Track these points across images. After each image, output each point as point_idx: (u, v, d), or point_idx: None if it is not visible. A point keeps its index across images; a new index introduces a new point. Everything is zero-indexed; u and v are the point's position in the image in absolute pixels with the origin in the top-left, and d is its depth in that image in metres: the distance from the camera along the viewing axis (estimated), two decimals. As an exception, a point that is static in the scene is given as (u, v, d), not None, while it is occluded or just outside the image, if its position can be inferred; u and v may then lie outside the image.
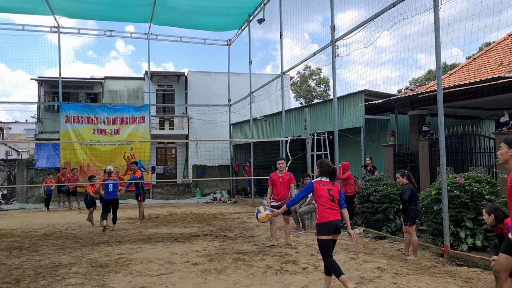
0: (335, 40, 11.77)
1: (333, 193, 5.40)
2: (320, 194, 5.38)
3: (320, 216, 5.32)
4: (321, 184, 5.44)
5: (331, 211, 5.31)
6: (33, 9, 19.21)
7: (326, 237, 5.24)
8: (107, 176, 11.65)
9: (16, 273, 6.62)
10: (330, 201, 5.34)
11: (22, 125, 43.92)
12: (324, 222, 5.26)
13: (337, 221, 5.31)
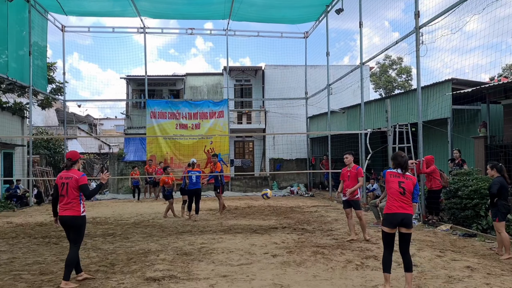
0: (420, 26, 11.17)
1: (405, 185, 5.33)
2: (390, 185, 5.41)
3: (387, 207, 5.37)
4: (393, 176, 5.44)
5: (399, 203, 5.28)
6: (121, 12, 20.51)
7: (387, 229, 5.26)
8: (191, 168, 12.18)
9: (111, 258, 7.15)
10: (399, 193, 5.30)
11: (112, 121, 47.18)
12: (388, 213, 5.30)
13: (404, 214, 5.23)
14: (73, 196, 5.73)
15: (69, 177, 5.79)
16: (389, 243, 5.29)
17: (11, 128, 18.49)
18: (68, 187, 5.72)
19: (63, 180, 5.79)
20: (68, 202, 5.72)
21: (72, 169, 5.88)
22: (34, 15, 18.68)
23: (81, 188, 5.79)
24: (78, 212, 5.74)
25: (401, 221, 5.20)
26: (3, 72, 16.28)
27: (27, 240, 8.99)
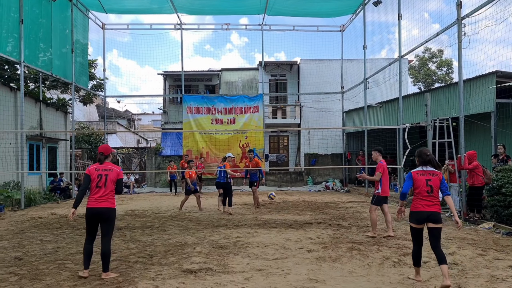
0: (462, 17, 10.78)
1: (432, 183, 5.32)
2: (417, 185, 5.36)
3: (412, 205, 5.40)
4: (420, 175, 5.40)
5: (425, 202, 5.29)
6: (158, 9, 20.90)
7: (415, 225, 5.34)
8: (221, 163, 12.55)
9: (149, 249, 7.34)
10: (426, 192, 5.30)
11: (149, 116, 48.25)
12: (414, 211, 5.35)
13: (430, 212, 5.25)
14: (110, 189, 5.79)
15: (109, 169, 5.84)
16: (417, 238, 5.37)
17: (55, 123, 19.26)
18: (107, 179, 5.76)
19: (100, 172, 5.77)
20: (105, 194, 5.75)
21: (106, 162, 5.92)
22: (76, 14, 19.32)
23: (119, 182, 5.89)
24: (114, 205, 5.87)
25: (427, 217, 5.25)
26: (47, 69, 16.95)
27: (70, 231, 9.36)
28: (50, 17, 17.00)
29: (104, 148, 6.03)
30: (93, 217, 5.79)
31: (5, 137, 14.85)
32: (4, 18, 14.03)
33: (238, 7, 21.13)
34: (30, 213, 12.67)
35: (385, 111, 18.17)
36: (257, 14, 21.78)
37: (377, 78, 19.62)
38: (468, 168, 10.10)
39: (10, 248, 7.56)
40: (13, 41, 14.54)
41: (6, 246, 7.75)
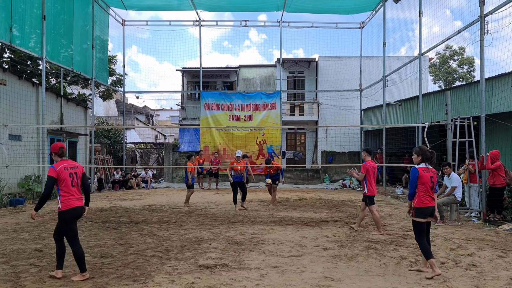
0: (485, 14, 10.55)
1: (434, 180, 5.73)
2: (423, 181, 5.67)
3: (419, 201, 5.67)
4: (425, 171, 5.72)
5: (430, 198, 5.69)
6: (177, 5, 21.02)
7: (423, 220, 5.67)
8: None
9: (166, 244, 7.42)
10: (430, 188, 5.69)
11: (168, 112, 48.58)
12: (422, 207, 5.65)
13: (433, 207, 5.71)
14: (80, 185, 5.61)
15: (75, 166, 5.60)
16: (423, 232, 5.68)
17: (75, 118, 19.57)
18: (77, 177, 5.54)
19: (69, 170, 5.47)
20: (80, 192, 5.58)
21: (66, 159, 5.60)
22: (96, 10, 19.57)
23: (84, 176, 5.66)
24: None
25: (431, 212, 5.69)
26: (68, 65, 17.23)
27: (89, 224, 9.52)
28: (71, 13, 17.25)
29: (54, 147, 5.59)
30: (77, 216, 5.62)
31: (27, 131, 15.17)
32: (27, 14, 14.30)
33: (256, 4, 21.10)
34: (50, 206, 12.91)
35: (404, 109, 17.94)
36: (276, 11, 21.70)
37: (397, 75, 19.36)
38: (491, 168, 9.90)
39: (31, 240, 7.73)
40: (36, 37, 14.81)
41: (27, 238, 7.93)
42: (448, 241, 7.78)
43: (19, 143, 14.62)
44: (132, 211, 11.88)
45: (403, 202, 14.77)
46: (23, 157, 14.63)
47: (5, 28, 13.13)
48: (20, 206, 12.70)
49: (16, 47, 13.90)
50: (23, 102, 14.87)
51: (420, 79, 15.20)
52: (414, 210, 5.71)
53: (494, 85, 11.86)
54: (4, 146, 12.44)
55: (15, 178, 14.21)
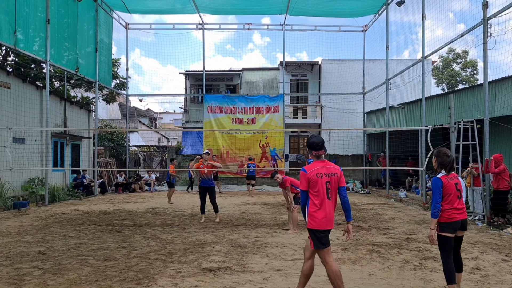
0: (488, 18, 10.55)
1: (460, 187, 4.80)
2: (449, 191, 4.72)
3: (447, 216, 4.69)
4: (449, 179, 4.78)
5: (458, 210, 4.72)
6: (181, 9, 21.10)
7: (451, 235, 4.72)
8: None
9: (169, 247, 7.42)
10: (457, 198, 4.75)
11: (171, 115, 48.66)
12: (451, 222, 4.70)
13: (464, 220, 4.77)
14: None
15: None
16: (450, 249, 4.74)
17: (79, 121, 19.64)
18: None
19: None
20: None
21: None
22: (100, 14, 19.67)
23: None
24: None
25: (461, 225, 4.77)
26: (72, 68, 17.30)
27: (92, 227, 9.54)
28: (75, 17, 17.34)
29: None
30: None
31: (31, 134, 15.23)
32: (31, 18, 14.38)
33: (260, 7, 21.15)
34: (53, 209, 12.95)
35: (407, 112, 17.91)
36: (279, 14, 21.77)
37: (400, 79, 19.35)
38: (495, 172, 9.87)
39: (34, 243, 7.75)
40: (40, 40, 14.89)
41: (30, 241, 7.95)
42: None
43: (23, 146, 14.68)
44: (136, 214, 11.89)
45: (406, 205, 14.74)
46: (27, 160, 14.68)
47: (9, 31, 13.21)
48: (23, 209, 12.73)
49: (20, 51, 13.97)
50: (27, 105, 14.94)
51: (423, 82, 15.18)
52: (439, 225, 4.75)
53: (497, 88, 11.83)
54: (8, 149, 12.48)
55: (19, 181, 14.26)
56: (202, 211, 10.81)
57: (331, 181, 4.50)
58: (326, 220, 4.50)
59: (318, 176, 4.47)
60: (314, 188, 4.48)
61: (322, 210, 4.48)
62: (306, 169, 4.56)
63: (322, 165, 4.56)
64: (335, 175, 4.53)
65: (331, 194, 4.49)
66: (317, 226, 4.49)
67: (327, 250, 4.54)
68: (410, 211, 12.94)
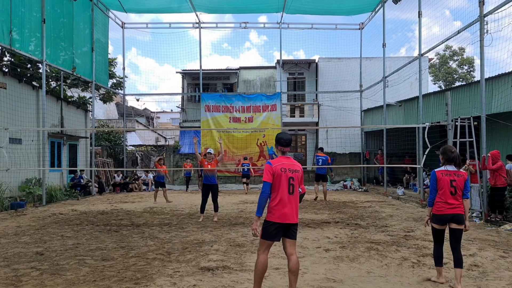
0: (484, 15, 10.56)
1: (456, 184, 5.12)
2: (441, 185, 5.17)
3: (436, 208, 5.21)
4: (444, 175, 5.17)
5: (449, 205, 5.12)
6: (177, 8, 21.06)
7: (438, 227, 5.24)
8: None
9: (167, 246, 7.41)
10: (450, 193, 5.12)
11: (168, 114, 48.58)
12: (438, 214, 5.19)
13: (454, 214, 5.12)
14: None
15: None
16: (439, 238, 5.27)
17: (75, 121, 19.59)
18: None
19: None
20: None
21: None
22: (96, 13, 19.61)
23: None
24: None
25: (451, 219, 5.14)
26: (68, 67, 17.24)
27: (90, 227, 9.51)
28: (71, 16, 17.28)
29: None
30: None
31: (27, 134, 15.17)
32: (27, 17, 14.31)
33: (256, 5, 21.13)
34: (51, 209, 12.92)
35: (404, 110, 17.94)
36: (276, 12, 21.76)
37: (397, 76, 19.37)
38: (492, 169, 9.90)
39: (32, 243, 7.72)
40: (35, 40, 14.83)
41: (28, 241, 7.92)
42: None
43: (19, 147, 14.63)
44: (133, 214, 11.87)
45: (404, 203, 14.77)
46: (24, 160, 14.63)
47: (5, 31, 13.15)
48: (21, 210, 12.69)
49: (16, 51, 13.91)
50: (24, 106, 14.88)
51: (420, 79, 15.20)
52: (431, 216, 5.29)
53: (494, 85, 11.86)
54: (5, 149, 12.43)
55: (15, 181, 14.21)
56: (202, 210, 10.72)
57: (294, 177, 4.63)
58: (285, 214, 4.55)
59: (283, 171, 4.58)
60: (277, 181, 4.58)
61: (282, 204, 4.55)
62: (271, 163, 4.68)
63: (286, 161, 4.69)
64: (298, 172, 4.68)
65: (292, 189, 4.59)
66: (274, 218, 4.56)
67: (268, 244, 4.64)
68: (408, 209, 12.97)
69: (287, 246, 4.66)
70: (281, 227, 4.57)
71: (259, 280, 4.60)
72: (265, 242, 4.64)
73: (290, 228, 4.61)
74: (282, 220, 4.54)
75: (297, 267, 4.61)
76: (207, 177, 10.61)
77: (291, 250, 4.64)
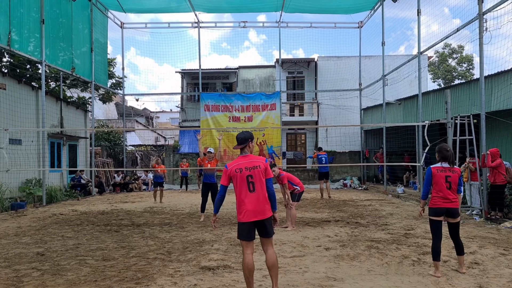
0: (484, 12, 10.56)
1: (451, 179, 5.50)
2: (436, 180, 5.53)
3: (431, 202, 5.55)
4: (440, 171, 5.56)
5: (444, 200, 5.48)
6: (176, 7, 21.05)
7: (434, 218, 5.53)
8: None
9: (168, 246, 7.41)
10: (446, 188, 5.48)
11: (168, 114, 48.57)
12: (435, 208, 5.52)
13: (449, 208, 5.47)
14: None
15: None
16: (436, 231, 5.54)
17: (75, 121, 19.58)
18: None
19: None
20: None
21: None
22: (95, 13, 19.59)
23: None
24: None
25: (446, 212, 5.50)
26: (68, 68, 17.23)
27: (90, 227, 9.52)
28: (70, 17, 17.27)
29: None
30: None
31: (27, 135, 15.17)
32: (25, 18, 14.30)
33: (255, 4, 21.12)
34: (51, 210, 12.92)
35: (404, 108, 17.94)
36: (275, 11, 21.74)
37: (396, 74, 19.39)
38: (491, 166, 9.91)
39: (33, 244, 7.73)
40: (35, 41, 14.82)
41: (28, 242, 7.92)
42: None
43: (19, 147, 14.63)
44: (134, 214, 11.87)
45: (404, 201, 14.78)
46: (24, 161, 14.63)
47: (4, 32, 13.14)
48: (21, 210, 12.70)
49: (15, 51, 13.91)
50: (23, 106, 14.88)
51: (420, 77, 15.19)
52: (429, 210, 5.65)
53: (493, 83, 11.86)
54: (5, 150, 12.43)
55: (16, 182, 14.21)
56: (202, 209, 10.74)
57: (254, 174, 4.61)
58: (249, 212, 4.55)
59: (237, 172, 4.61)
60: (235, 183, 4.64)
61: (245, 203, 4.57)
62: (227, 165, 4.75)
63: (243, 160, 4.72)
64: (258, 167, 4.66)
65: (254, 187, 4.58)
66: (240, 218, 4.61)
67: (246, 244, 4.62)
68: (408, 207, 12.98)
69: (262, 243, 4.73)
70: (251, 226, 4.58)
71: (247, 281, 4.61)
72: (242, 242, 4.66)
73: (262, 225, 4.61)
74: (248, 218, 4.55)
75: (273, 261, 4.61)
76: (206, 176, 10.67)
77: (266, 246, 4.69)
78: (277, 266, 4.69)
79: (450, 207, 5.46)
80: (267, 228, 4.64)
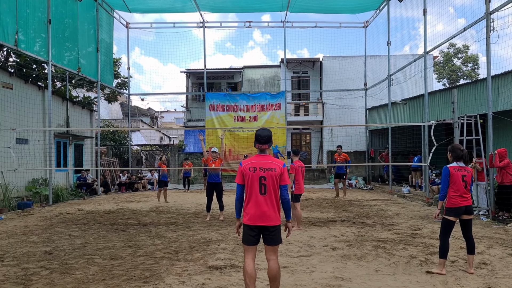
0: (491, 12, 10.51)
1: (467, 179, 5.58)
2: (454, 180, 5.56)
3: (449, 202, 5.58)
4: (457, 170, 5.60)
5: (462, 198, 5.53)
6: (181, 7, 21.08)
7: (453, 219, 5.58)
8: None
9: (175, 245, 7.43)
10: (463, 187, 5.54)
11: (172, 114, 48.63)
12: (455, 207, 5.55)
13: (467, 206, 5.55)
14: None
15: None
16: (450, 230, 5.61)
17: (81, 121, 19.65)
18: None
19: None
20: None
21: None
22: (101, 13, 19.66)
23: None
24: None
25: (465, 210, 5.56)
26: (74, 68, 17.31)
27: (97, 227, 9.55)
28: (76, 17, 17.34)
29: None
30: None
31: (34, 134, 15.24)
32: (32, 18, 14.37)
33: (260, 4, 21.11)
34: (58, 209, 12.98)
35: (409, 108, 17.89)
36: (280, 11, 21.72)
37: (401, 74, 19.32)
38: (499, 166, 9.86)
39: (40, 243, 7.77)
40: (41, 41, 14.89)
41: (36, 241, 7.97)
42: (458, 240, 7.73)
43: (26, 147, 14.70)
44: (140, 213, 11.91)
45: (409, 201, 14.74)
46: (31, 160, 14.71)
47: (11, 32, 13.21)
48: (28, 209, 12.76)
49: (22, 51, 13.98)
50: (30, 106, 14.95)
51: (426, 77, 15.14)
52: (445, 209, 5.67)
53: (500, 83, 11.80)
54: (12, 150, 12.50)
55: (22, 181, 14.29)
56: (208, 209, 10.78)
57: (267, 176, 4.30)
58: (257, 216, 4.30)
59: (251, 170, 4.34)
60: (247, 181, 4.37)
61: (253, 205, 4.32)
62: (242, 163, 4.49)
63: (260, 159, 4.41)
64: (273, 170, 4.33)
65: (265, 189, 4.30)
66: (247, 221, 4.35)
67: (247, 248, 4.40)
68: (414, 207, 12.94)
69: (265, 250, 4.46)
70: (256, 230, 4.33)
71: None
72: (243, 246, 4.46)
73: (266, 232, 4.35)
74: (254, 222, 4.30)
75: (275, 273, 4.34)
76: (211, 176, 10.71)
77: (269, 255, 4.42)
78: (279, 278, 4.41)
79: (468, 204, 5.55)
80: (273, 235, 4.37)
